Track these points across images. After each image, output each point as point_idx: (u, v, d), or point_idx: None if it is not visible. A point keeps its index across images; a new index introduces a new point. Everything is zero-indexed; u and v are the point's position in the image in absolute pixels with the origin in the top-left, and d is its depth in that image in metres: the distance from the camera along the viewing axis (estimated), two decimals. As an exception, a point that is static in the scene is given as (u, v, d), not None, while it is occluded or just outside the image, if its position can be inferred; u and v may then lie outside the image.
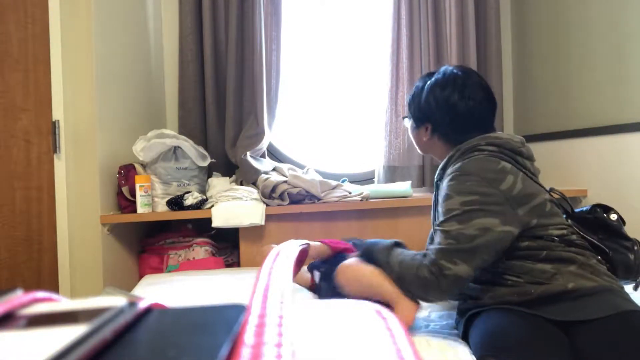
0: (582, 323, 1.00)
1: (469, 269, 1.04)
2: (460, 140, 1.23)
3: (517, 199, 1.09)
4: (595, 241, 1.18)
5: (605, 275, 1.09)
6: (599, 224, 1.24)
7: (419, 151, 1.42)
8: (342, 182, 2.16)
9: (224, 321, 0.21)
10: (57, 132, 1.68)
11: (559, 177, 2.40)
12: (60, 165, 1.69)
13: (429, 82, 1.28)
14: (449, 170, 1.19)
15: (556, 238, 1.11)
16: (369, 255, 1.22)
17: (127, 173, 1.87)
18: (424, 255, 1.10)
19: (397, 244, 1.21)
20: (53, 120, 1.68)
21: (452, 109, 1.23)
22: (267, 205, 1.93)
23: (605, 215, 1.25)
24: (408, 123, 1.39)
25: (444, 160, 1.26)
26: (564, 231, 1.13)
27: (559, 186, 2.39)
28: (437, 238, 1.10)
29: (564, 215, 1.24)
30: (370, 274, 1.17)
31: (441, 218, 1.12)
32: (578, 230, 1.19)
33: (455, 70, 1.27)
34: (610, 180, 2.12)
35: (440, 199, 1.17)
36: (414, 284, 1.08)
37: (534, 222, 1.10)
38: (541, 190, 1.18)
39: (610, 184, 2.12)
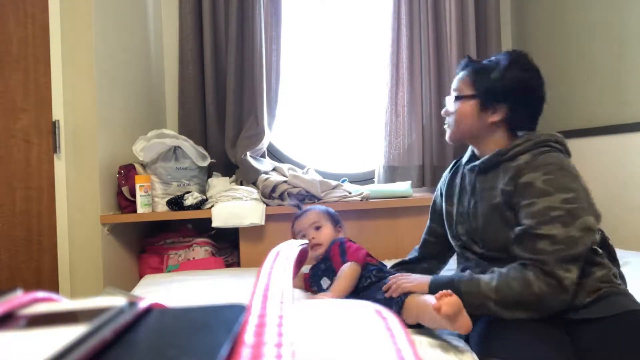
0: (585, 322, 1.00)
1: (576, 275, 0.99)
2: (520, 129, 1.17)
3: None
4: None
5: (620, 281, 1.11)
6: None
7: (456, 138, 1.23)
8: (342, 182, 2.16)
9: (224, 321, 0.21)
10: (57, 132, 1.68)
11: (559, 177, 2.40)
12: (60, 165, 1.69)
13: (504, 62, 1.15)
14: (531, 162, 1.08)
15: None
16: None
17: (127, 173, 1.87)
18: (524, 266, 1.01)
19: (460, 275, 1.10)
20: (53, 120, 1.68)
21: (531, 94, 1.15)
22: (267, 205, 1.93)
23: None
24: (461, 104, 1.18)
25: (506, 149, 1.13)
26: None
27: (559, 186, 2.39)
28: (541, 244, 1.00)
29: None
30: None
31: (538, 218, 1.02)
32: None
33: (526, 54, 1.17)
34: (610, 180, 2.12)
35: (531, 193, 1.05)
36: (529, 303, 0.99)
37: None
38: None
39: (610, 184, 2.11)
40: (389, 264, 1.50)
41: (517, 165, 1.10)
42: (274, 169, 2.18)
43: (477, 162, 1.19)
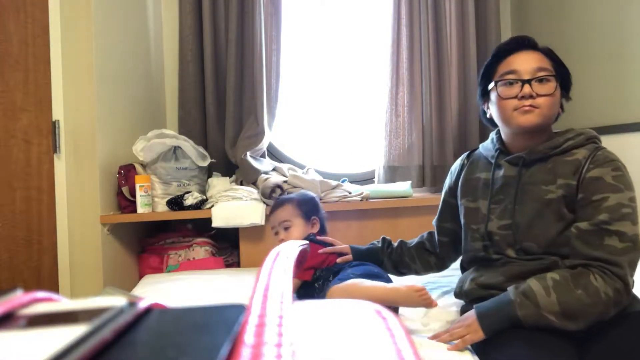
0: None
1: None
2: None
3: None
4: None
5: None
6: None
7: (545, 123, 1.10)
8: (342, 182, 2.17)
9: (224, 321, 0.21)
10: (57, 132, 1.68)
11: (559, 177, 2.40)
12: (60, 165, 1.69)
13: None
14: (593, 157, 1.05)
15: None
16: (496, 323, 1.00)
17: (127, 173, 1.87)
18: (586, 269, 0.95)
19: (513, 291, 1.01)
20: (53, 120, 1.68)
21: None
22: (267, 205, 1.93)
23: None
24: (556, 86, 1.10)
25: (559, 142, 1.09)
26: None
27: (559, 186, 2.39)
28: (609, 241, 0.95)
29: None
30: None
31: (611, 214, 0.97)
32: None
33: None
34: (610, 180, 2.11)
35: (602, 188, 1.00)
36: (596, 312, 0.94)
37: None
38: None
39: (610, 184, 2.11)
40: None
41: (575, 160, 1.05)
42: (274, 169, 2.18)
43: (523, 154, 1.10)
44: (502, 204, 1.13)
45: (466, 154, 1.33)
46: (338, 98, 2.59)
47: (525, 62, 1.09)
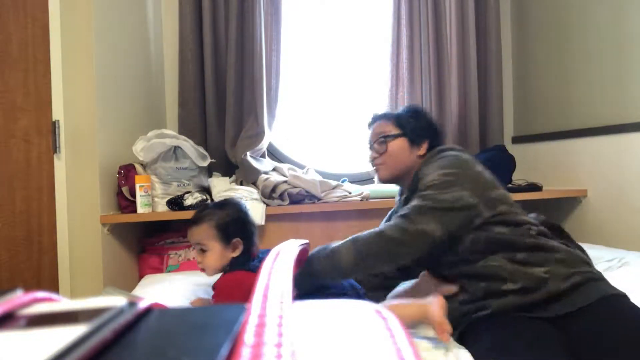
0: (570, 314, 1.03)
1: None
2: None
3: None
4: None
5: (587, 263, 1.14)
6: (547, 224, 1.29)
7: (392, 173, 1.32)
8: (342, 182, 2.17)
9: (224, 321, 0.21)
10: (57, 132, 1.68)
11: (559, 177, 2.40)
12: (60, 165, 1.69)
13: (411, 109, 1.39)
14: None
15: (534, 228, 1.16)
16: (310, 268, 1.13)
17: (127, 173, 1.87)
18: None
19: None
20: (53, 120, 1.68)
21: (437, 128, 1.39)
22: (267, 205, 1.93)
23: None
24: (398, 143, 1.32)
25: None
26: (537, 224, 1.19)
27: (559, 186, 2.40)
28: (412, 202, 1.18)
29: None
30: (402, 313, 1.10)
31: (422, 189, 1.19)
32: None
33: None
34: (610, 180, 2.12)
35: (423, 179, 1.23)
36: (380, 246, 1.10)
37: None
38: None
39: (610, 184, 2.12)
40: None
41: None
42: (274, 169, 2.18)
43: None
44: None
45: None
46: (338, 98, 2.59)
47: (371, 132, 1.39)
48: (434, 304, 1.09)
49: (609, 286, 1.08)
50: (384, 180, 1.35)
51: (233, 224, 1.25)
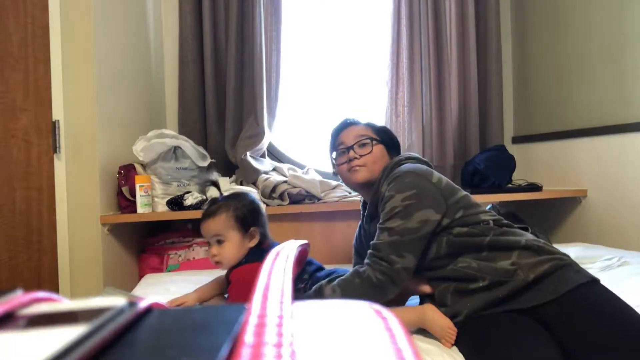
0: (542, 305, 1.04)
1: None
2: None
3: None
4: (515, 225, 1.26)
5: (555, 251, 1.14)
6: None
7: (371, 176, 1.33)
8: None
9: (224, 321, 0.21)
10: (57, 132, 1.68)
11: (559, 177, 2.40)
12: (60, 165, 1.69)
13: (376, 124, 1.43)
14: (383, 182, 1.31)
15: (491, 222, 1.19)
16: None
17: (127, 173, 1.87)
18: (366, 264, 1.14)
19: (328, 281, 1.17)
20: (53, 120, 1.68)
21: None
22: (267, 205, 1.93)
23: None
24: (380, 147, 1.36)
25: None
26: (495, 216, 1.22)
27: (559, 186, 2.40)
28: (381, 236, 1.18)
29: None
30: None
31: (383, 217, 1.21)
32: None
33: None
34: (610, 180, 2.12)
35: (384, 203, 1.25)
36: (374, 293, 1.11)
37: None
38: None
39: (610, 184, 2.12)
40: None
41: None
42: (274, 169, 2.18)
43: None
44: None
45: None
46: (338, 98, 2.59)
47: (347, 135, 1.37)
48: (430, 310, 1.11)
49: (579, 273, 1.08)
50: (360, 183, 1.32)
51: (249, 213, 1.25)
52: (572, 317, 1.01)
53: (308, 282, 1.26)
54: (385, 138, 1.37)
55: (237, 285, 1.22)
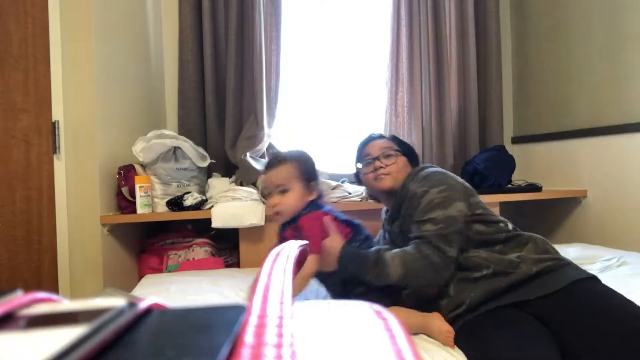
0: (542, 298, 1.09)
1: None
2: None
3: None
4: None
5: (556, 252, 1.22)
6: None
7: (395, 184, 1.40)
8: (342, 182, 2.16)
9: (224, 321, 0.21)
10: (57, 133, 1.68)
11: (559, 177, 2.40)
12: (60, 166, 1.69)
13: (396, 137, 1.56)
14: (408, 184, 1.39)
15: (508, 224, 1.29)
16: (350, 270, 1.20)
17: (126, 173, 1.87)
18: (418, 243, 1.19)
19: (377, 250, 1.22)
20: (53, 120, 1.68)
21: None
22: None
23: None
24: (403, 159, 1.46)
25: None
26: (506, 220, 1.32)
27: (559, 186, 2.40)
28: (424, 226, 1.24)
29: None
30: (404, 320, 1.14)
31: (421, 211, 1.27)
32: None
33: None
34: (610, 180, 2.12)
35: (416, 200, 1.32)
36: (429, 270, 1.15)
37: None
38: None
39: (610, 185, 2.12)
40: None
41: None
42: (274, 169, 2.18)
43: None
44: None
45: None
46: (338, 98, 2.59)
47: (373, 147, 1.48)
48: (437, 319, 1.14)
49: (579, 270, 1.16)
50: (384, 190, 1.41)
51: (311, 166, 1.34)
52: (572, 309, 1.05)
53: (362, 245, 1.31)
54: (407, 150, 1.48)
55: (310, 229, 1.23)
